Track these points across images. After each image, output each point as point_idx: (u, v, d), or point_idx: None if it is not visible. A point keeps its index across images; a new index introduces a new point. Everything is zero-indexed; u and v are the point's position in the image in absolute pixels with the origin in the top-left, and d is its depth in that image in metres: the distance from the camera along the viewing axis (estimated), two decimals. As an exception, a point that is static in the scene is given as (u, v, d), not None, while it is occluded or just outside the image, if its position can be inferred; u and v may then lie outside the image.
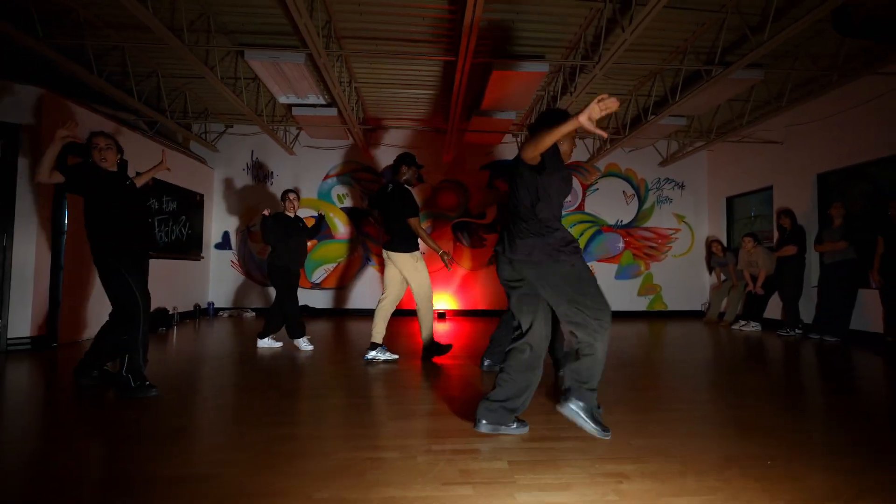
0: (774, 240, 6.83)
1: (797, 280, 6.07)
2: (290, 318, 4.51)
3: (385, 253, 4.00)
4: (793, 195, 6.61)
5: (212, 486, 1.63)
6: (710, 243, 7.69)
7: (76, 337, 4.80)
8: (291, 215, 4.67)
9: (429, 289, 3.96)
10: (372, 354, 3.94)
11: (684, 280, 8.41)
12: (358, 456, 1.90)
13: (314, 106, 6.26)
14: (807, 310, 6.07)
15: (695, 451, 1.97)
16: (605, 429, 2.09)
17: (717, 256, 7.48)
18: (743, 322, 6.59)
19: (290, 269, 4.55)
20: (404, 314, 6.63)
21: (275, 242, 4.55)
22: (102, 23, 4.64)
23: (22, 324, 4.26)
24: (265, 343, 4.60)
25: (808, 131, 6.37)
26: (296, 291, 4.61)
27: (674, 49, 5.14)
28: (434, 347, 4.05)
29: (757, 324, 6.50)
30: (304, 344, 4.51)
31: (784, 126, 6.70)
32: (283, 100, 6.04)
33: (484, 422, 2.15)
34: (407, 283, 4.00)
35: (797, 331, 5.96)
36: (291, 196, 4.71)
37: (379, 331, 3.96)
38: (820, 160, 6.23)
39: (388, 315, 3.99)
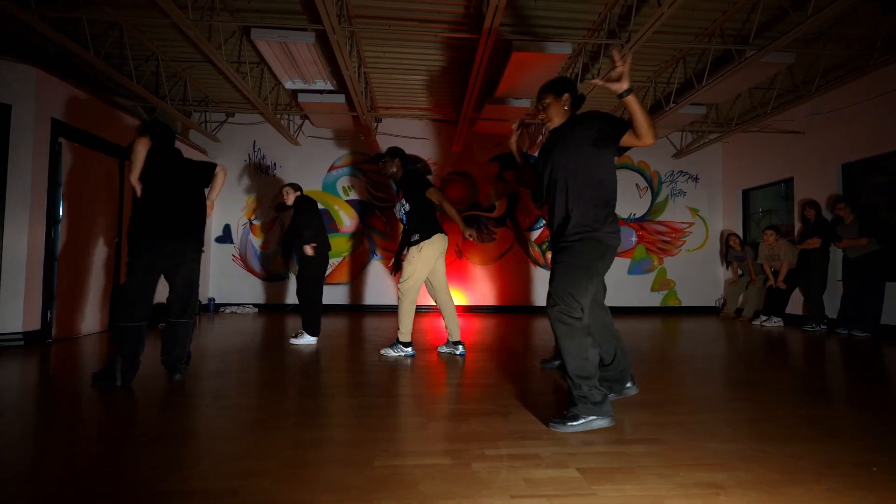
0: (795, 232, 6.64)
1: (822, 274, 5.87)
2: (318, 312, 4.35)
3: None
4: (815, 186, 6.40)
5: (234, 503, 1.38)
6: (727, 237, 7.48)
7: (73, 332, 4.52)
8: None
9: (411, 283, 3.67)
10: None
11: (698, 275, 8.20)
12: (404, 464, 1.65)
13: (321, 92, 5.98)
14: (828, 304, 5.87)
15: (787, 457, 1.73)
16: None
17: (735, 250, 7.26)
18: (764, 317, 6.38)
19: (327, 256, 4.48)
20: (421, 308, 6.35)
21: (312, 225, 4.34)
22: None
23: (14, 318, 3.97)
24: (303, 341, 4.30)
25: (832, 120, 6.16)
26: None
27: (701, 31, 4.91)
28: (399, 344, 3.77)
29: (779, 319, 6.29)
30: (308, 339, 4.32)
31: (806, 115, 6.49)
32: (289, 85, 5.76)
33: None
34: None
35: (822, 326, 5.76)
36: (287, 189, 4.53)
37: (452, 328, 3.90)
38: (844, 150, 6.02)
39: (446, 309, 3.91)
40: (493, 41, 4.18)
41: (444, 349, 3.94)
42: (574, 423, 1.99)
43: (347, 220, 7.70)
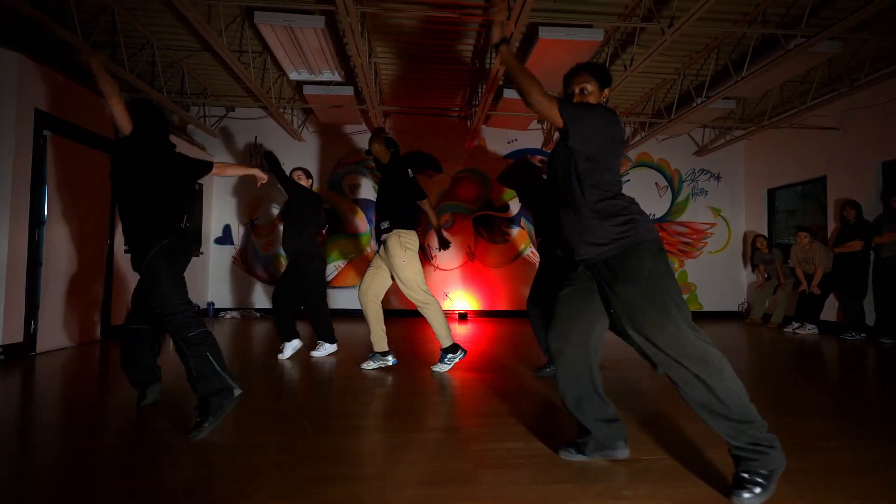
0: (829, 233, 6.28)
1: (862, 278, 5.51)
2: (328, 316, 4.04)
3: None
4: (851, 186, 6.04)
5: None
6: (754, 238, 7.11)
7: (59, 344, 4.15)
8: None
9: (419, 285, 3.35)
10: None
11: (720, 278, 7.84)
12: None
13: (328, 84, 5.59)
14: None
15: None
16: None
17: (762, 252, 6.90)
18: (797, 324, 6.02)
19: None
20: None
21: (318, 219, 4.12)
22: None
23: (-7, 330, 3.59)
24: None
25: (870, 115, 5.80)
26: None
27: (741, 17, 4.53)
28: (447, 355, 3.45)
29: (813, 326, 5.94)
30: (329, 348, 4.00)
31: (841, 111, 6.12)
32: (294, 76, 5.38)
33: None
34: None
35: (862, 334, 5.40)
36: (297, 173, 4.16)
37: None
38: (885, 147, 5.66)
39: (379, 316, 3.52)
40: (524, 18, 3.79)
41: (373, 364, 3.48)
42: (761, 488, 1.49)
43: (354, 220, 7.33)
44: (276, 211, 7.18)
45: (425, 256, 7.26)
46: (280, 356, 3.82)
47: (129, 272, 4.74)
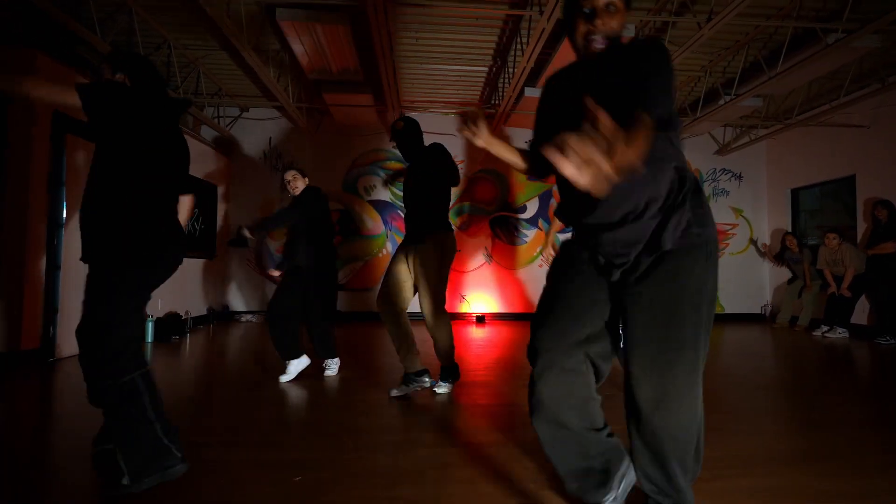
0: (859, 234, 6.11)
1: (897, 280, 5.35)
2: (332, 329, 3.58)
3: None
4: (883, 185, 5.86)
5: None
6: (784, 236, 6.91)
7: (74, 350, 4.06)
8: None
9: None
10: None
11: (743, 280, 7.67)
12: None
13: (346, 84, 5.49)
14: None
15: None
16: None
17: (792, 251, 6.71)
18: (825, 328, 5.86)
19: None
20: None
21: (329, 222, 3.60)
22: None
23: (11, 335, 3.50)
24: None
25: (902, 113, 5.64)
26: None
27: (775, 12, 4.39)
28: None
29: (844, 330, 5.77)
30: (336, 362, 3.52)
31: (871, 108, 5.96)
32: (313, 75, 5.28)
33: None
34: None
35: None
36: (293, 174, 3.61)
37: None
38: (918, 145, 5.50)
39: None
40: (552, 21, 3.68)
41: (406, 389, 2.87)
42: None
43: (369, 221, 7.23)
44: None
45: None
46: (284, 378, 3.23)
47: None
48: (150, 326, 4.76)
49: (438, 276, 2.78)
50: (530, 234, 7.41)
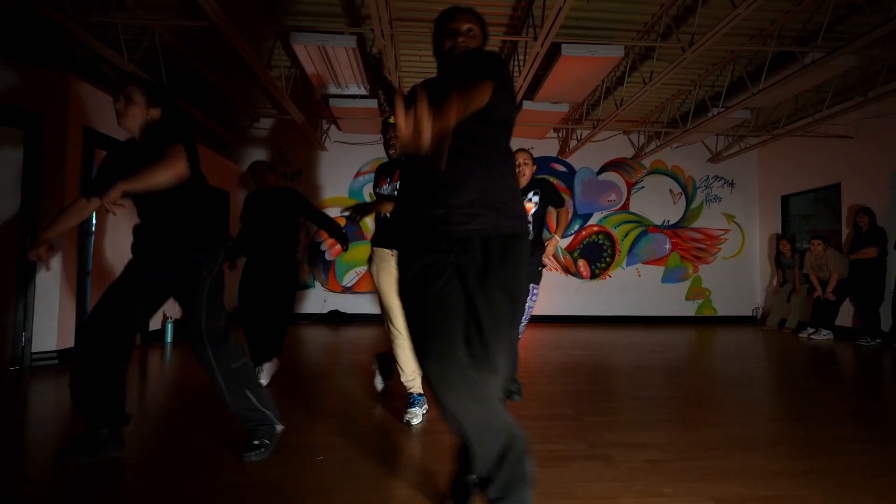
0: (843, 239, 6.38)
1: (878, 285, 5.61)
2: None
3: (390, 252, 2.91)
4: (866, 193, 6.13)
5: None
6: (778, 241, 7.18)
7: (104, 349, 4.37)
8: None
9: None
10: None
11: (734, 284, 7.94)
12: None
13: (354, 97, 5.79)
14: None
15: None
16: None
17: (785, 256, 6.98)
18: (812, 330, 6.12)
19: None
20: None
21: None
22: (134, 3, 4.21)
23: (48, 336, 3.81)
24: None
25: (884, 125, 5.90)
26: None
27: (757, 32, 4.67)
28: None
29: (828, 332, 6.03)
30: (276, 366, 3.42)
31: (855, 120, 6.22)
32: (321, 90, 5.58)
33: None
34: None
35: (877, 340, 5.50)
36: (261, 166, 3.54)
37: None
38: (898, 156, 5.77)
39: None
40: (548, 45, 3.97)
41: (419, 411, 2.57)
42: None
43: (373, 226, 7.50)
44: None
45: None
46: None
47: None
48: (169, 327, 5.06)
49: None
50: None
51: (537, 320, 7.46)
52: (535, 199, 3.01)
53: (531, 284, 2.98)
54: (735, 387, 3.43)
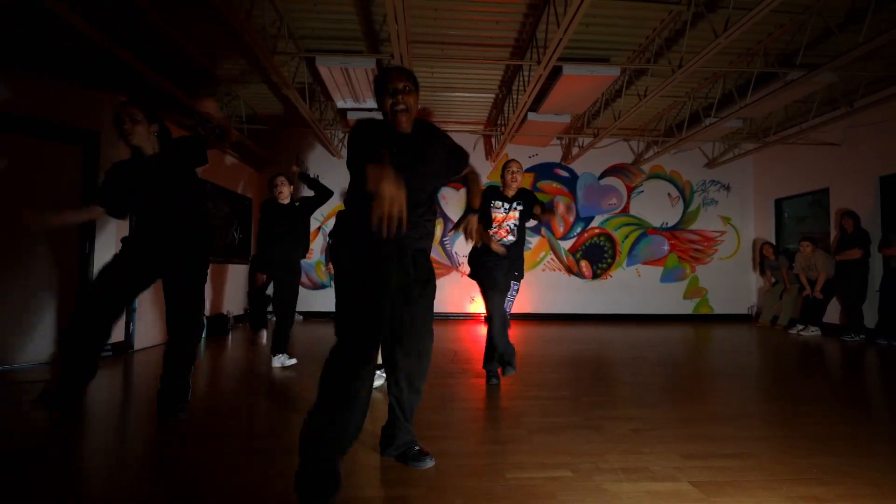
0: (831, 240, 6.74)
1: (861, 284, 5.99)
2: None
3: None
4: (853, 198, 6.51)
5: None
6: (761, 246, 7.58)
7: (152, 342, 4.83)
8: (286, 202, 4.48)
9: None
10: None
11: (730, 283, 8.32)
12: (534, 476, 1.87)
13: (371, 110, 6.23)
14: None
15: (875, 472, 1.92)
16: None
17: (769, 259, 7.37)
18: (801, 326, 6.50)
19: None
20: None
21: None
22: (172, 27, 4.66)
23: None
24: (280, 362, 4.04)
25: (870, 133, 6.27)
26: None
27: (744, 52, 5.07)
28: None
29: (816, 328, 6.41)
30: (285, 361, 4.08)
31: (843, 128, 6.59)
32: (340, 104, 6.02)
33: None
34: None
35: (861, 336, 5.87)
36: (279, 181, 4.36)
37: None
38: (882, 162, 6.13)
39: None
40: (551, 67, 4.38)
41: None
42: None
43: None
44: (315, 221, 7.82)
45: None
46: (283, 363, 3.99)
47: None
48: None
49: None
50: (534, 241, 8.10)
51: (542, 318, 7.88)
52: (520, 207, 3.54)
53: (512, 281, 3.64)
54: (721, 375, 3.83)
